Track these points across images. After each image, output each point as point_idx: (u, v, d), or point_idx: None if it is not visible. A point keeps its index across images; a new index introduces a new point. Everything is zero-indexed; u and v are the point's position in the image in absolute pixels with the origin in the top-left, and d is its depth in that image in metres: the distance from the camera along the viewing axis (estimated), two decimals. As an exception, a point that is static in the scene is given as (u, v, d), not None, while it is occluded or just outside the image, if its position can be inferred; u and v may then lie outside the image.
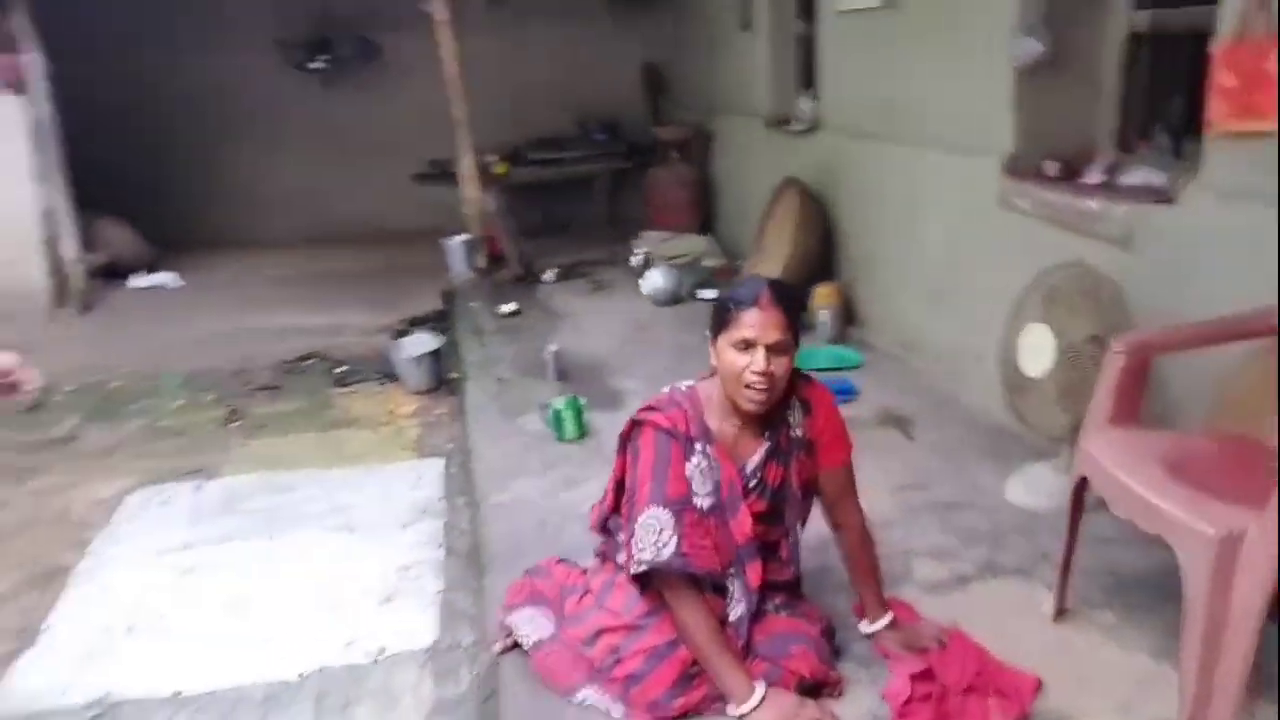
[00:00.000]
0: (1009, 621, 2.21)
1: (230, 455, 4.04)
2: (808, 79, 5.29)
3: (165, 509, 3.53)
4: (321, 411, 4.51)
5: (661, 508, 1.91)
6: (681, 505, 1.92)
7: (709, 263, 6.01)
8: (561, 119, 7.91)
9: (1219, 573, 1.62)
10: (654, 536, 1.89)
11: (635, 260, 5.70)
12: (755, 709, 1.86)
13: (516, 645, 2.16)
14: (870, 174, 4.37)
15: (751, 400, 1.93)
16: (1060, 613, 2.20)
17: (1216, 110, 2.43)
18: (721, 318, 1.96)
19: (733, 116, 6.35)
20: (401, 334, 5.26)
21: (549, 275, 5.70)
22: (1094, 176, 3.16)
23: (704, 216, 6.70)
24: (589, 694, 1.97)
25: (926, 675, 1.96)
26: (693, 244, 6.19)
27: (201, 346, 5.44)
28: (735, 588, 1.99)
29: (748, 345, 1.91)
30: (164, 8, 6.75)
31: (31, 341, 5.36)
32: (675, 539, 1.89)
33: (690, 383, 2.08)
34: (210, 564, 3.10)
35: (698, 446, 1.97)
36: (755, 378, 1.90)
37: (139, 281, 6.40)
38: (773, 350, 1.91)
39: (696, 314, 5.00)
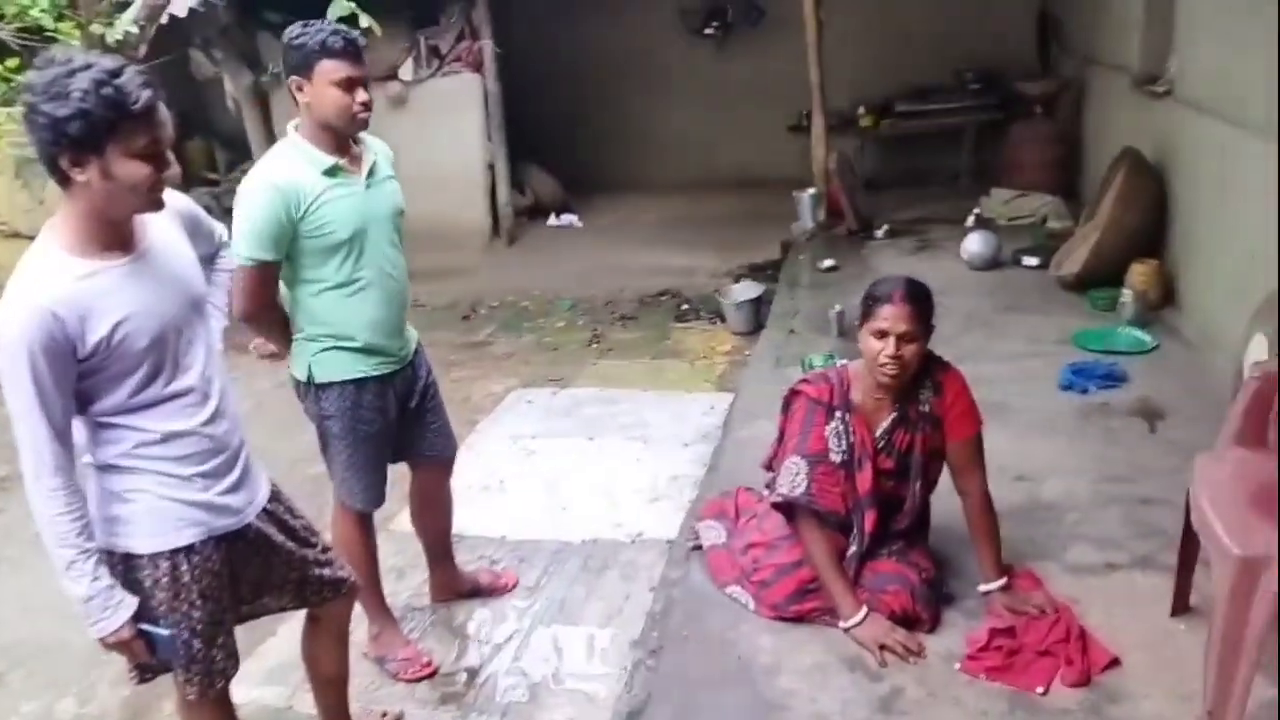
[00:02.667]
0: (1129, 608, 2.42)
1: (583, 370, 5.15)
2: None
3: (529, 406, 4.71)
4: (658, 342, 5.46)
5: (800, 458, 2.46)
6: (816, 459, 2.45)
7: (1054, 225, 5.90)
8: (941, 68, 7.92)
9: (1237, 589, 1.80)
10: (791, 478, 2.46)
11: (969, 221, 5.80)
12: (858, 624, 2.38)
13: (700, 546, 2.85)
14: (1200, 150, 4.13)
15: (884, 377, 2.38)
16: (1182, 610, 2.35)
17: None
18: (865, 309, 2.41)
19: (1105, 70, 6.03)
20: (739, 279, 6.03)
21: (880, 232, 6.03)
22: None
23: (1067, 176, 6.46)
24: (735, 590, 2.62)
25: (1009, 632, 2.30)
26: (1040, 204, 6.08)
27: (588, 277, 6.67)
28: (855, 529, 2.48)
29: (882, 334, 2.35)
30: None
31: (471, 266, 7.05)
32: (806, 482, 2.44)
33: (845, 362, 2.57)
34: (545, 451, 4.18)
35: (837, 414, 2.47)
36: (887, 360, 2.34)
37: (553, 221, 7.89)
38: (902, 339, 2.33)
39: (1009, 281, 5.09)
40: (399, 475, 2.86)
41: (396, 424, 2.65)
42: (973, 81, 7.67)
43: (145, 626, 1.80)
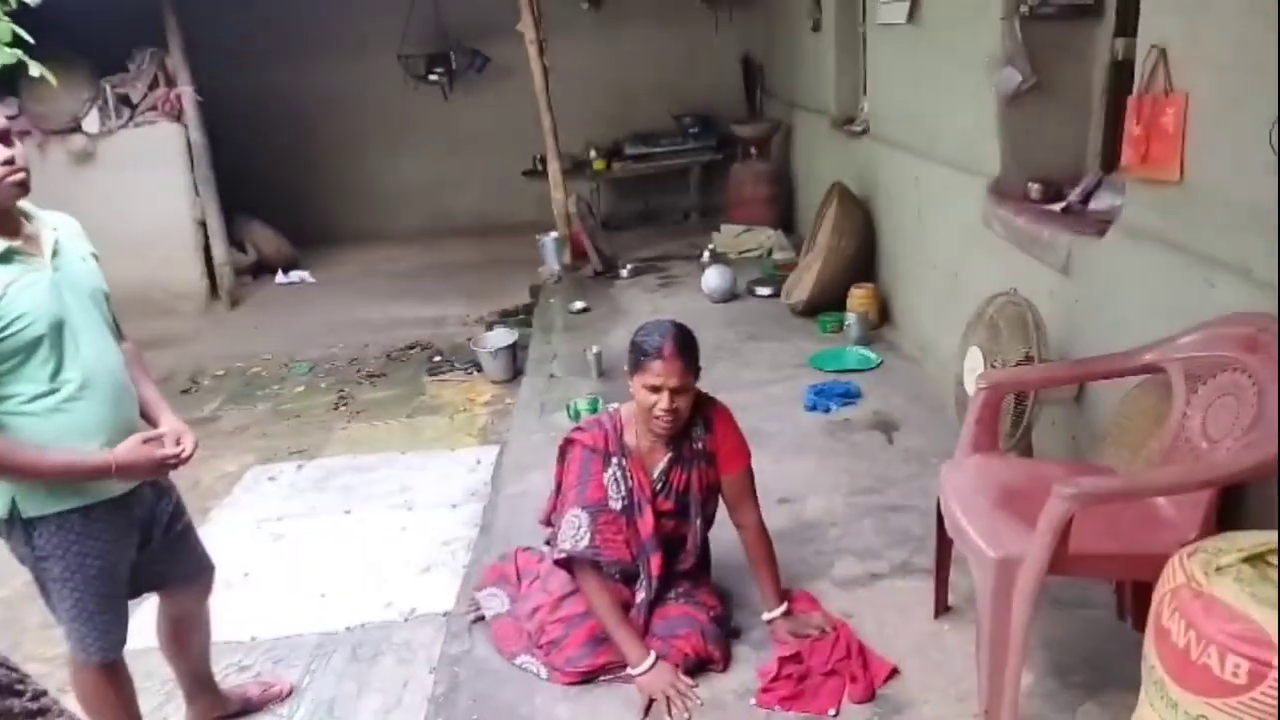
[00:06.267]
0: (897, 615, 2.56)
1: (331, 437, 4.78)
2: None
3: (271, 484, 4.29)
4: (413, 398, 5.20)
5: (581, 509, 2.39)
6: (597, 508, 2.39)
7: (779, 256, 6.32)
8: (663, 114, 8.31)
9: (998, 590, 1.93)
10: (573, 531, 2.38)
11: (704, 256, 6.07)
12: (644, 673, 2.34)
13: (483, 617, 2.69)
14: (897, 181, 4.59)
15: (659, 429, 2.36)
16: (943, 610, 2.52)
17: (1127, 156, 2.61)
18: (635, 362, 2.38)
19: (807, 114, 6.58)
20: (491, 326, 5.91)
21: (625, 271, 6.17)
22: (1072, 199, 3.32)
23: (783, 211, 6.97)
24: (526, 659, 2.49)
25: (795, 658, 2.35)
26: (764, 238, 6.50)
27: (327, 336, 6.26)
28: (642, 575, 2.44)
29: (655, 389, 2.33)
30: (299, 31, 7.62)
31: (189, 333, 6.40)
32: (589, 534, 2.37)
33: (617, 406, 2.53)
34: (296, 532, 3.81)
35: (614, 460, 2.43)
36: (661, 413, 2.33)
37: (282, 278, 7.37)
38: (676, 392, 2.33)
39: (747, 312, 5.36)
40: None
41: (137, 553, 2.20)
42: (691, 126, 8.12)
43: None
